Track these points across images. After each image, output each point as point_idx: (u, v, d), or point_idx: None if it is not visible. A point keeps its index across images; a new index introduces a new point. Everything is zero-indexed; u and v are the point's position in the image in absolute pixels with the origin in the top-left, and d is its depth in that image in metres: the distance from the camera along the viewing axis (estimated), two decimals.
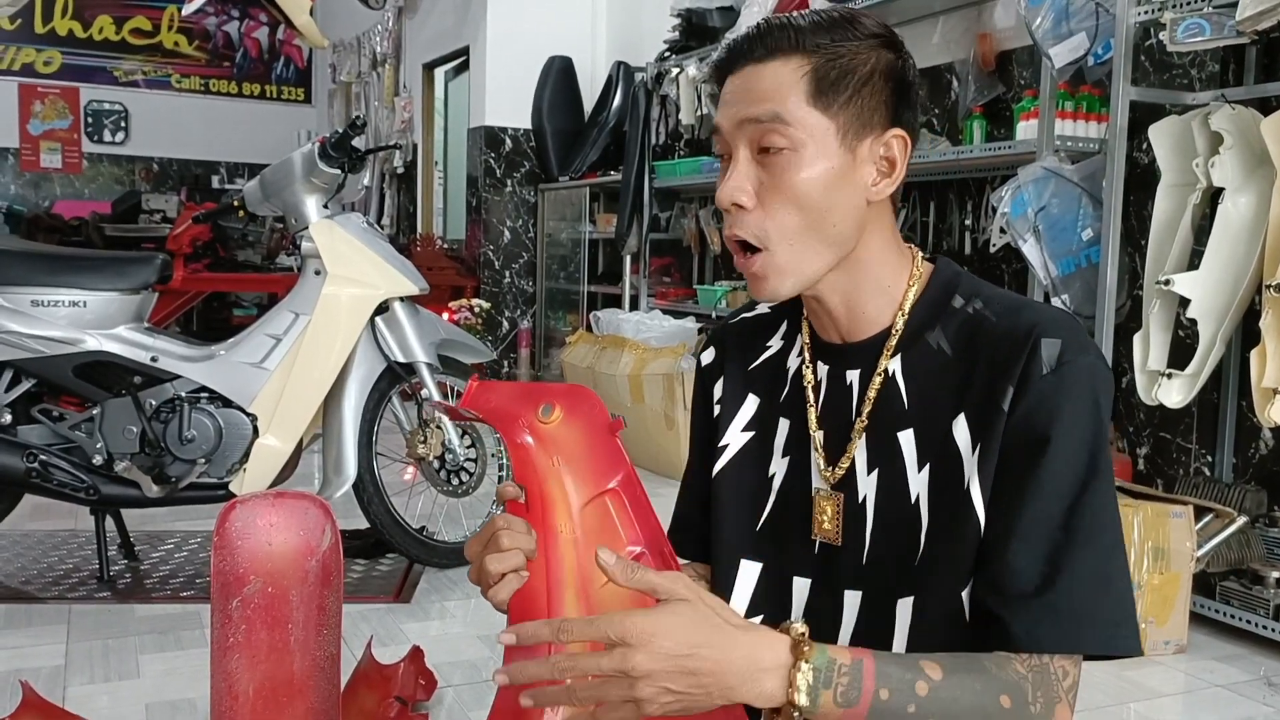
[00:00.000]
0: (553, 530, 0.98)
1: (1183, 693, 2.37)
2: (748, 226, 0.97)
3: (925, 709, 0.86)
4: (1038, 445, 0.92)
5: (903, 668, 0.87)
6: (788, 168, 0.96)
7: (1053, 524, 0.91)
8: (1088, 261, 3.02)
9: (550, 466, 1.00)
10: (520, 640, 0.88)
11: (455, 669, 2.36)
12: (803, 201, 0.96)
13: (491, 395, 1.03)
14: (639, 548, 1.00)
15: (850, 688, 0.85)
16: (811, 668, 0.84)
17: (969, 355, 0.98)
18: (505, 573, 0.97)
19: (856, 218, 0.99)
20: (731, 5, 4.85)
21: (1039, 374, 0.93)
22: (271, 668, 1.14)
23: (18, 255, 2.77)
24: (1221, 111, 2.62)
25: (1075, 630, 0.89)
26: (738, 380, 1.14)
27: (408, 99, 7.71)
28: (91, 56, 9.36)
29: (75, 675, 2.30)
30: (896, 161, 0.99)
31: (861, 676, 0.85)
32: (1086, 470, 0.92)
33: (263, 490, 2.93)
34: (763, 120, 0.96)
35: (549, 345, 6.48)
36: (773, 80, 0.96)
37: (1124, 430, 3.27)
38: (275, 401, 2.81)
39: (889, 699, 0.85)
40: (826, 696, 0.84)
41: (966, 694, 0.87)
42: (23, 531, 3.29)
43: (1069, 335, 0.94)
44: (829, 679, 0.84)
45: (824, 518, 1.04)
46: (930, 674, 0.87)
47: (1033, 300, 1.00)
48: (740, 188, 0.97)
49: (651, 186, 5.30)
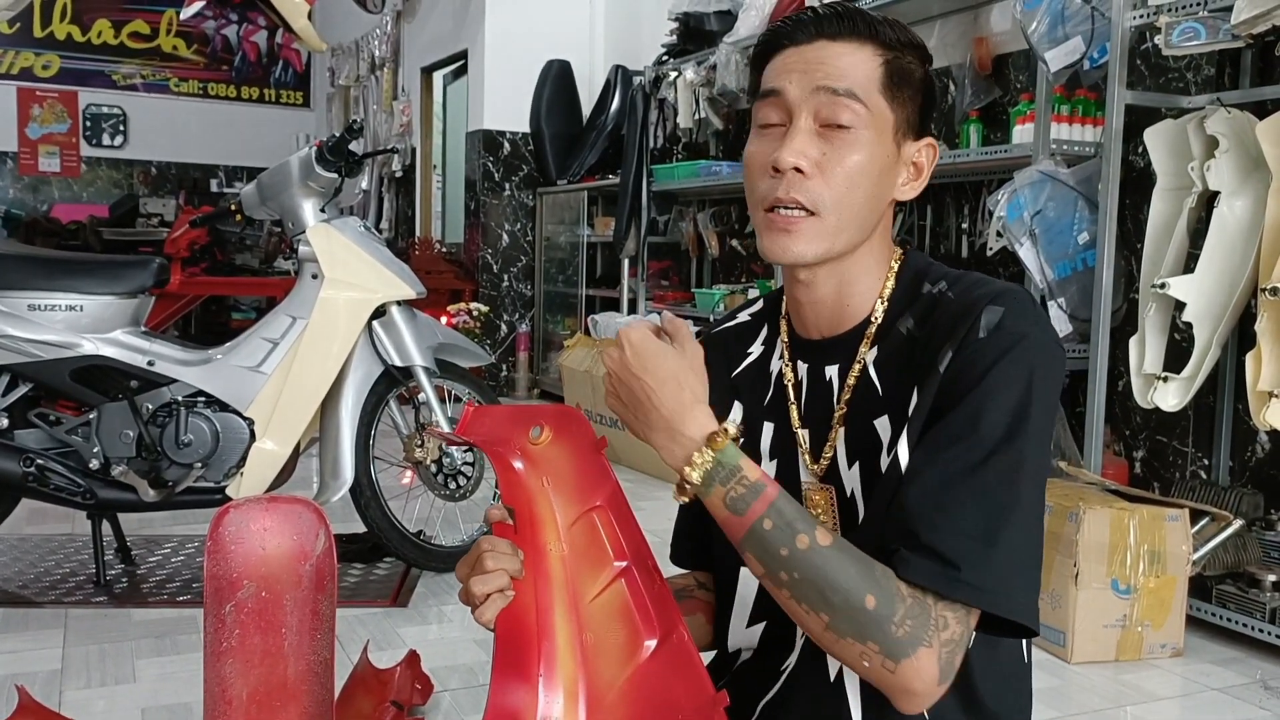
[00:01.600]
0: (541, 549, 1.00)
1: (1179, 696, 2.37)
2: (807, 191, 0.98)
3: (796, 560, 0.89)
4: (958, 398, 0.93)
5: (797, 515, 0.91)
6: (852, 146, 0.98)
7: (954, 470, 0.90)
8: (1084, 265, 3.02)
9: (540, 487, 1.01)
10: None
11: (452, 673, 2.36)
12: (859, 181, 0.98)
13: (485, 420, 1.05)
14: (625, 562, 1.01)
15: (741, 500, 0.91)
16: (714, 459, 0.91)
17: (925, 330, 1.00)
18: (490, 593, 0.98)
19: (881, 212, 1.03)
20: (729, 9, 4.85)
21: (975, 338, 0.94)
22: (265, 672, 1.14)
23: (15, 259, 2.77)
24: (1217, 115, 2.63)
25: (948, 577, 0.87)
26: (723, 388, 1.15)
27: (406, 103, 7.71)
28: (90, 60, 9.37)
29: (71, 679, 2.29)
30: (924, 169, 1.04)
31: (756, 498, 0.90)
32: (1004, 431, 0.91)
33: (259, 494, 2.94)
34: (839, 93, 0.97)
35: (547, 349, 6.48)
36: (851, 60, 0.99)
37: (1120, 433, 3.28)
38: (272, 405, 2.81)
39: (770, 530, 0.89)
40: (718, 491, 0.92)
41: (839, 573, 0.88)
42: (19, 535, 3.29)
43: (1014, 305, 0.95)
44: (725, 478, 0.91)
45: (818, 511, 1.05)
46: (819, 537, 0.89)
47: (998, 280, 1.00)
48: (804, 152, 0.98)
49: (650, 190, 5.30)
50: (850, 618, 0.87)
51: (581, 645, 0.99)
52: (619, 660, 1.00)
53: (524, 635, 0.98)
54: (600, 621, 0.99)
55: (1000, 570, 0.88)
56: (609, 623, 0.99)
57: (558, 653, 0.98)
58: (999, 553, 0.88)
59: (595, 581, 1.00)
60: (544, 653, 0.98)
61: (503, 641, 0.99)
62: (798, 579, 0.89)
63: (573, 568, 1.00)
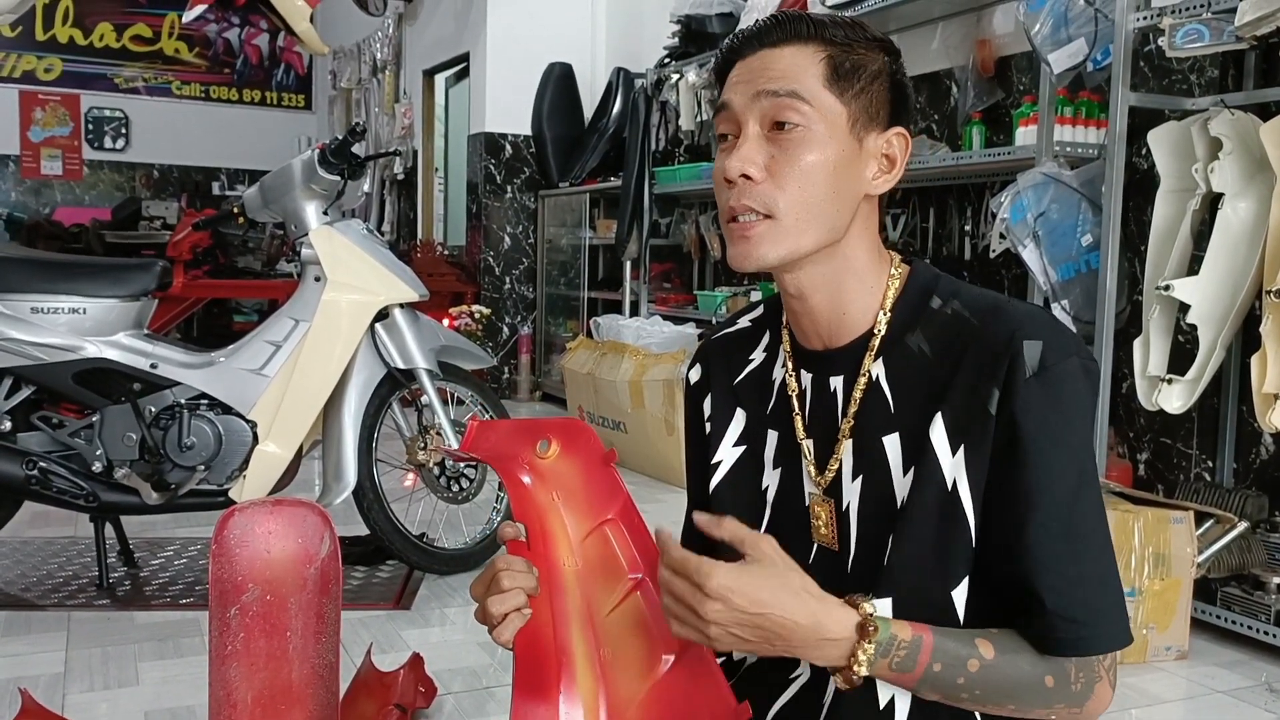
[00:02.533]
0: (556, 565, 1.00)
1: (1184, 699, 2.37)
2: (757, 196, 0.98)
3: (973, 682, 0.93)
4: (1029, 453, 0.94)
5: (958, 644, 0.93)
6: (801, 145, 0.97)
7: (1057, 532, 0.94)
8: (1087, 267, 3.02)
9: (550, 502, 1.01)
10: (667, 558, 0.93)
11: (455, 676, 2.35)
12: (813, 179, 0.97)
13: (490, 435, 1.05)
14: (640, 574, 1.00)
15: (907, 659, 0.92)
16: (874, 644, 0.91)
17: (949, 357, 0.99)
18: (507, 613, 0.98)
19: (852, 208, 1.01)
20: (731, 11, 4.85)
21: (1023, 377, 0.94)
22: (270, 675, 1.14)
23: (17, 262, 2.77)
24: (1221, 117, 2.62)
25: (1088, 637, 0.94)
26: (725, 395, 1.14)
27: (408, 105, 7.72)
28: (92, 63, 9.38)
29: (74, 683, 2.29)
30: (896, 159, 1.02)
31: (919, 650, 0.92)
32: (1078, 475, 0.95)
33: (262, 497, 2.93)
34: (780, 94, 0.97)
35: (549, 351, 6.48)
36: (791, 61, 0.98)
37: (1124, 436, 3.27)
38: (275, 408, 2.81)
39: (941, 671, 0.92)
40: (883, 664, 0.92)
41: (1014, 672, 0.93)
42: (22, 539, 3.29)
43: (1050, 336, 0.95)
44: (887, 651, 0.91)
45: (819, 523, 1.05)
46: (983, 652, 0.93)
47: (1009, 299, 1.00)
48: (750, 159, 0.98)
49: (651, 192, 5.30)
50: (1034, 699, 0.94)
51: (600, 660, 0.98)
52: (638, 673, 0.99)
53: (542, 652, 0.98)
54: (617, 635, 0.99)
55: (1115, 607, 0.96)
56: (626, 636, 0.99)
57: (576, 668, 0.98)
58: (1110, 591, 0.96)
59: (611, 595, 1.00)
60: (563, 668, 0.98)
61: (522, 660, 0.99)
62: (979, 695, 0.94)
63: (587, 582, 1.00)
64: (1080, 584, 0.94)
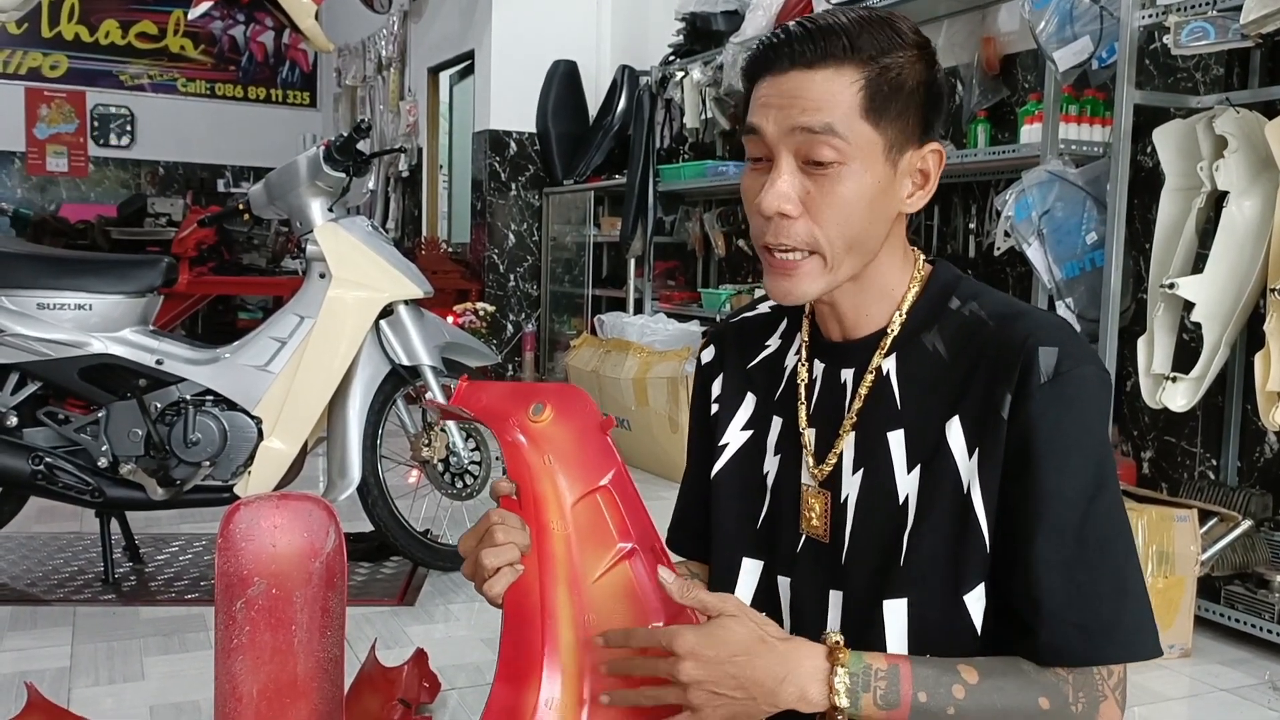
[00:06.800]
0: (545, 527, 1.00)
1: (1187, 697, 2.37)
2: (796, 235, 0.96)
3: (964, 710, 0.90)
4: (1042, 458, 0.93)
5: (939, 670, 0.90)
6: (837, 181, 0.95)
7: (1068, 538, 0.92)
8: (1092, 265, 3.02)
9: (542, 464, 1.01)
10: (608, 642, 0.95)
11: (459, 672, 2.36)
12: (850, 214, 0.96)
13: (482, 394, 1.05)
14: (630, 544, 1.00)
15: (889, 690, 0.89)
16: (848, 672, 0.89)
17: (965, 359, 0.98)
18: (500, 567, 0.98)
19: (887, 229, 1.00)
20: (736, 9, 4.85)
21: (1037, 383, 0.93)
22: (275, 669, 1.14)
23: (23, 258, 2.78)
24: (1226, 115, 2.62)
25: (1099, 644, 0.91)
26: (736, 379, 1.14)
27: (413, 103, 7.72)
28: (98, 60, 9.39)
29: (80, 677, 2.30)
30: (931, 175, 1.00)
31: (899, 680, 0.89)
32: (1093, 480, 0.93)
33: (267, 493, 2.94)
34: (816, 131, 0.94)
35: (553, 348, 6.48)
36: (825, 90, 0.94)
37: (1128, 434, 3.27)
38: (280, 404, 2.82)
39: (928, 701, 0.89)
40: (867, 699, 0.89)
41: (1003, 696, 0.90)
42: (28, 534, 3.30)
43: (1065, 343, 0.94)
44: (866, 682, 0.89)
45: (812, 514, 1.05)
46: (966, 677, 0.90)
47: (1030, 306, 1.00)
48: (786, 196, 0.96)
49: (656, 190, 5.30)
50: None
51: (584, 625, 0.98)
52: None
53: (530, 612, 0.98)
54: (603, 603, 0.99)
55: (1134, 616, 0.93)
56: (613, 604, 0.99)
57: (559, 632, 0.98)
58: (1131, 599, 0.93)
59: (599, 562, 1.00)
60: (546, 630, 0.98)
61: (510, 618, 0.99)
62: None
63: (576, 548, 0.99)
64: (1090, 591, 0.91)
